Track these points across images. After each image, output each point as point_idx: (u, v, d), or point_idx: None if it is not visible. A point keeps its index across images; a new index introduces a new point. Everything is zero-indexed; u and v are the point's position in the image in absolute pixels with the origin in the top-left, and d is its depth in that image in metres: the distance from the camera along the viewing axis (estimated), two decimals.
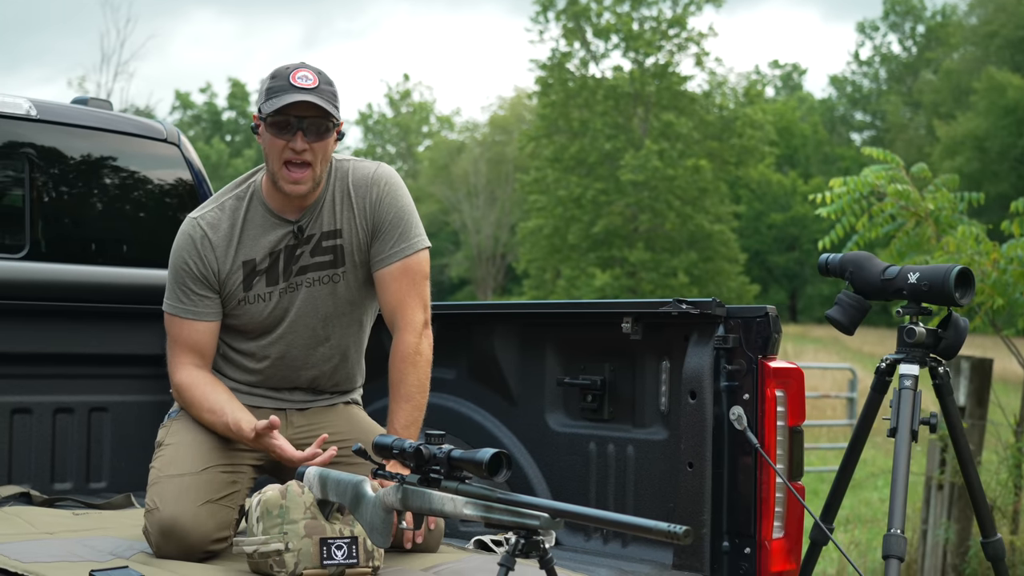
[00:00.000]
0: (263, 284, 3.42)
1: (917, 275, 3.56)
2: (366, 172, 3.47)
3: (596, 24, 40.39)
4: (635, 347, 3.58)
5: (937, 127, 44.35)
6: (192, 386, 3.39)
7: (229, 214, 3.43)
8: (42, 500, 3.92)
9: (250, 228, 3.42)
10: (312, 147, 3.29)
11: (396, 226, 3.42)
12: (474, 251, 51.39)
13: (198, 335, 3.43)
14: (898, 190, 6.22)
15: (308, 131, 3.28)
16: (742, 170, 41.43)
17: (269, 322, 3.45)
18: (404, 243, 3.42)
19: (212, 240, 3.40)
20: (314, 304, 3.44)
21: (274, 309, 3.43)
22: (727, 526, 3.31)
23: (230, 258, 3.41)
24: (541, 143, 39.78)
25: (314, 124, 3.28)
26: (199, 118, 66.12)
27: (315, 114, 3.27)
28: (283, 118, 3.28)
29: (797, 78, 68.42)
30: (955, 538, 6.63)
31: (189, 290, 3.41)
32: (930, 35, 59.61)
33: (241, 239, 3.41)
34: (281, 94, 3.26)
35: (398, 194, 3.45)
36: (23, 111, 4.21)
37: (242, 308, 3.43)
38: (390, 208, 3.43)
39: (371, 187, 3.44)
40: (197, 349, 3.43)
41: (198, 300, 3.41)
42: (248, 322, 3.45)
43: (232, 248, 3.41)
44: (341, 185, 3.45)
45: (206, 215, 3.45)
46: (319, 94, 3.27)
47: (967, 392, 6.69)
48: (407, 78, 75.32)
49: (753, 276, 43.85)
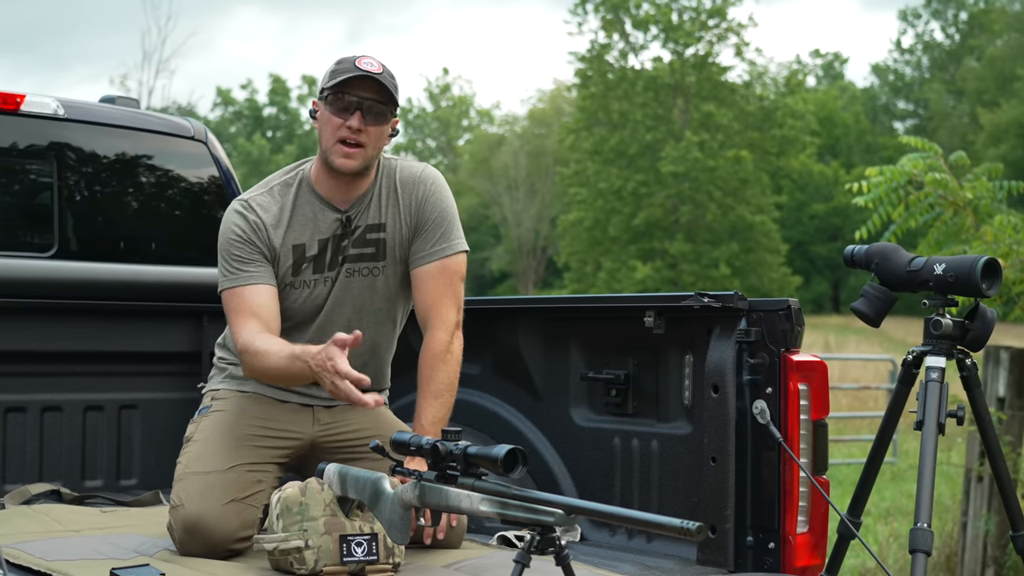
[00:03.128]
0: (310, 271, 3.43)
1: (943, 266, 3.52)
2: (414, 171, 3.50)
3: (635, 15, 40.27)
4: (658, 341, 3.56)
5: (981, 115, 43.93)
6: (251, 342, 3.25)
7: (278, 198, 3.44)
8: (72, 498, 3.95)
9: (299, 213, 3.43)
10: (368, 130, 3.31)
11: (439, 225, 3.45)
12: (515, 244, 51.40)
13: (257, 297, 3.33)
14: (935, 179, 6.15)
15: (367, 112, 3.31)
16: (783, 160, 41.20)
17: (310, 309, 3.45)
18: (445, 243, 3.44)
19: (264, 219, 3.40)
20: (352, 294, 3.45)
21: (314, 296, 3.44)
22: (751, 521, 3.29)
23: (279, 239, 3.40)
24: (581, 135, 39.74)
25: (373, 107, 3.31)
26: (240, 114, 66.45)
27: (375, 96, 3.30)
28: (343, 96, 3.30)
29: (838, 67, 67.93)
30: (995, 530, 6.56)
31: (240, 258, 3.36)
32: (973, 22, 59.01)
33: (291, 223, 3.42)
34: (344, 73, 3.29)
35: (443, 195, 3.48)
36: (51, 111, 4.24)
37: (287, 292, 3.43)
38: (434, 207, 3.45)
39: (418, 185, 3.47)
40: (258, 314, 3.32)
41: (250, 265, 3.36)
42: (289, 307, 3.44)
43: (281, 230, 3.41)
44: (388, 181, 3.47)
45: (256, 197, 3.45)
46: (382, 78, 3.30)
47: (1007, 383, 6.62)
48: (446, 72, 75.49)
49: (795, 267, 43.57)
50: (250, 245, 3.38)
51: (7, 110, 4.15)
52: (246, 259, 3.38)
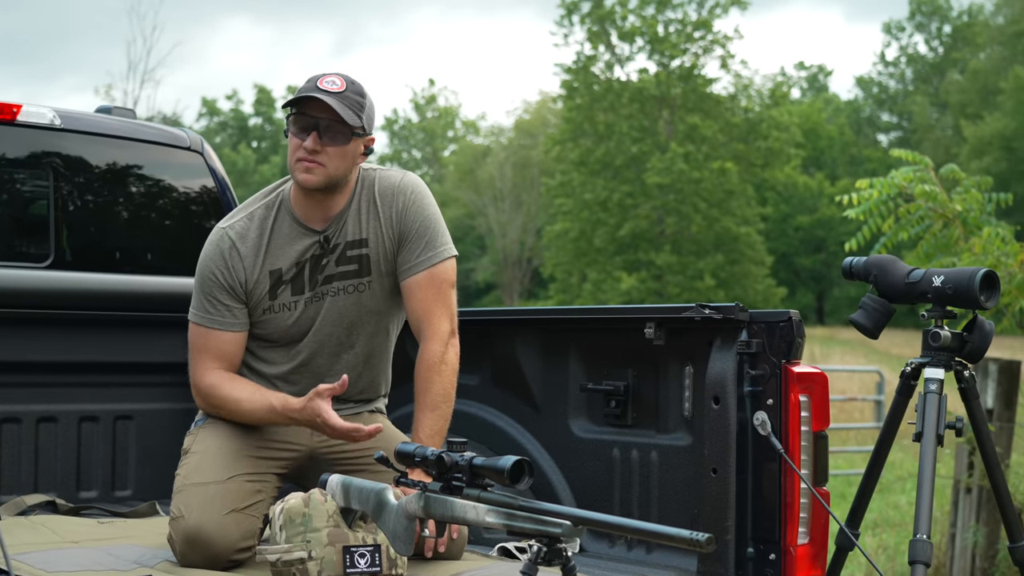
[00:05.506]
0: (288, 293, 3.42)
1: (942, 278, 3.54)
2: (392, 181, 3.47)
3: (621, 27, 40.37)
4: (658, 352, 3.56)
5: (964, 127, 44.10)
6: (219, 385, 3.39)
7: (258, 223, 3.44)
8: (67, 509, 3.94)
9: (277, 238, 3.43)
10: (326, 150, 3.30)
11: (422, 235, 3.43)
12: (500, 255, 51.37)
13: (224, 344, 3.43)
14: (925, 191, 6.18)
15: (323, 132, 3.29)
16: (768, 172, 41.30)
17: (295, 331, 3.45)
18: (430, 252, 3.42)
19: (240, 251, 3.41)
20: (339, 313, 3.44)
21: (299, 318, 3.44)
22: (752, 532, 3.28)
23: (257, 268, 3.41)
24: (567, 147, 39.78)
25: (330, 127, 3.29)
26: (225, 124, 66.35)
27: (330, 116, 3.28)
28: (301, 117, 3.30)
29: (823, 79, 68.20)
30: (983, 541, 6.58)
31: (216, 300, 3.41)
32: (956, 35, 59.29)
33: (269, 248, 3.42)
34: (303, 92, 3.29)
35: (424, 203, 3.45)
36: (47, 121, 4.23)
37: (267, 317, 3.44)
38: (416, 217, 3.43)
39: (397, 196, 3.44)
40: (223, 357, 3.43)
41: (224, 310, 3.42)
42: (274, 331, 3.45)
43: (260, 258, 3.42)
44: (367, 194, 3.45)
45: (235, 224, 3.45)
46: (340, 99, 3.27)
47: (995, 394, 6.64)
48: (432, 83, 75.51)
49: (780, 279, 43.66)
50: (227, 292, 3.41)
51: (3, 120, 4.13)
52: (222, 303, 3.42)
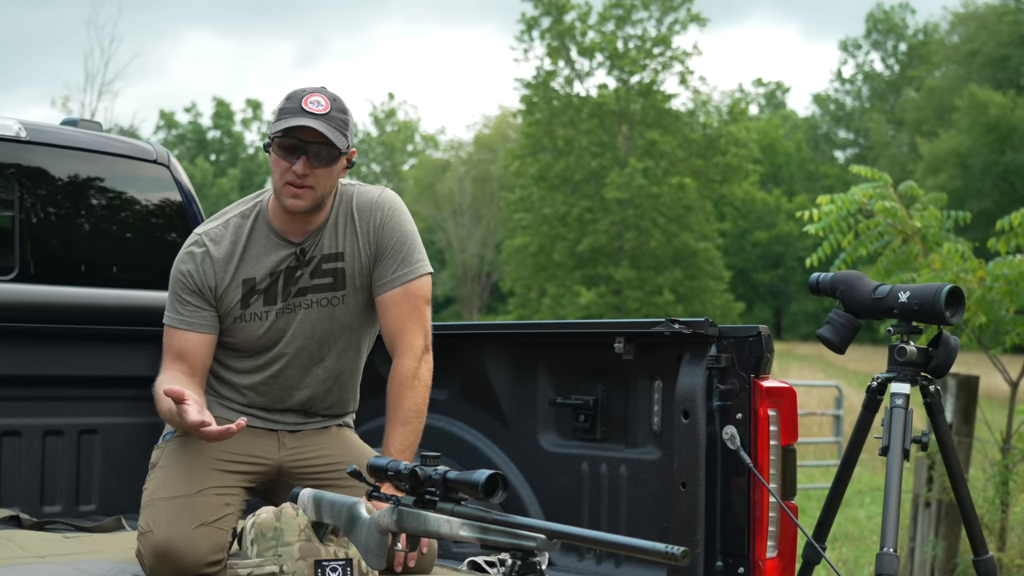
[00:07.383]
0: (260, 303, 3.42)
1: (908, 294, 3.58)
2: (370, 197, 3.48)
3: (581, 43, 40.52)
4: (628, 367, 3.57)
5: (920, 144, 44.53)
6: (160, 383, 3.34)
7: (232, 231, 3.45)
8: (32, 523, 3.90)
9: (253, 247, 3.43)
10: (315, 172, 3.29)
11: (399, 251, 3.43)
12: (459, 270, 51.40)
13: (188, 345, 3.41)
14: (885, 207, 6.25)
15: (312, 156, 3.28)
16: (726, 188, 41.59)
17: (265, 341, 3.45)
18: (406, 268, 3.43)
19: (213, 255, 3.41)
20: (312, 326, 3.44)
21: (270, 329, 3.44)
22: (721, 546, 3.30)
23: (229, 275, 3.41)
24: (526, 161, 39.86)
25: (319, 150, 3.28)
26: (184, 137, 66.07)
27: (320, 140, 3.27)
28: (289, 140, 3.29)
29: (780, 96, 68.76)
30: (943, 555, 6.64)
31: (184, 300, 3.41)
32: (912, 53, 59.97)
33: (243, 257, 3.42)
34: (290, 117, 3.26)
35: (401, 219, 3.46)
36: (12, 133, 4.20)
37: (238, 325, 3.43)
38: (393, 233, 3.44)
39: (375, 211, 3.45)
40: (185, 359, 3.41)
41: (192, 311, 3.41)
42: (244, 340, 3.45)
43: (232, 265, 3.42)
44: (345, 209, 3.45)
45: (210, 231, 3.46)
46: (328, 121, 3.27)
47: (954, 409, 6.71)
48: (392, 97, 75.61)
49: (738, 294, 43.90)
50: (195, 294, 3.41)
51: None
52: (191, 304, 3.41)
